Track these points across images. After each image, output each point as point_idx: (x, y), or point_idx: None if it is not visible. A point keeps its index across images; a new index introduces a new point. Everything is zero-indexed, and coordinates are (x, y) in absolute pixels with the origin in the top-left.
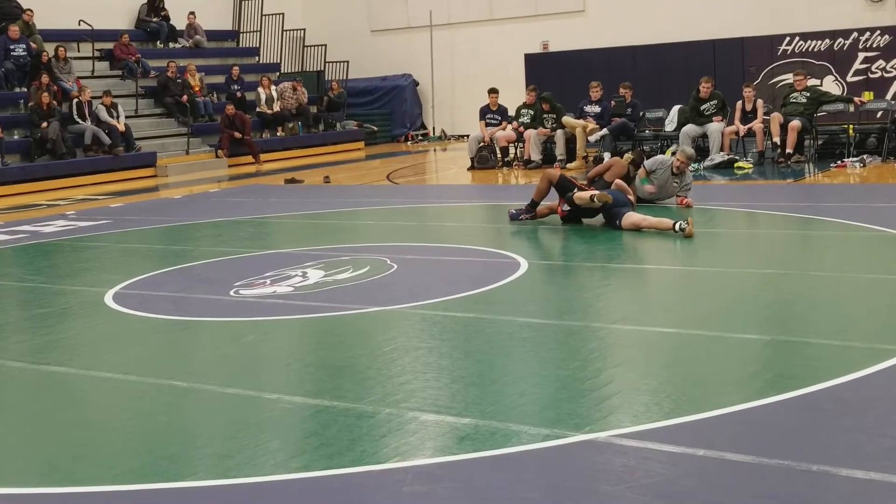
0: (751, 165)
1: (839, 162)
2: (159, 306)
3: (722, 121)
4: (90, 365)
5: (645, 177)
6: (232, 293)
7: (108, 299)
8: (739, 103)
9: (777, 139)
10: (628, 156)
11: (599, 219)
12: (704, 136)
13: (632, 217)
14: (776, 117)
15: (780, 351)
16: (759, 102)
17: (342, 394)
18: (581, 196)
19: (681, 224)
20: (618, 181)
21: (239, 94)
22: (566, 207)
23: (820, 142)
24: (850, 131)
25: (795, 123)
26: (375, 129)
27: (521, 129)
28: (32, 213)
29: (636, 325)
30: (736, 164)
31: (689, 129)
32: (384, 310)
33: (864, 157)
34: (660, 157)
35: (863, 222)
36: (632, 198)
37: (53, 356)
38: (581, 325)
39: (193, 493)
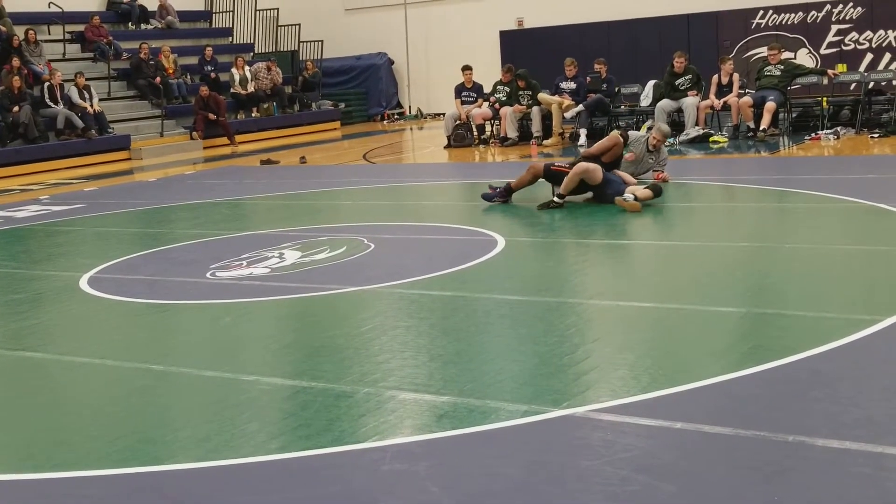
0: (726, 139)
1: (813, 134)
2: (135, 290)
3: (697, 95)
4: (66, 350)
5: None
6: (208, 275)
7: (83, 284)
8: (715, 77)
9: (751, 123)
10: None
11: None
12: (680, 110)
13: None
14: (746, 101)
15: (755, 323)
16: (735, 76)
17: (320, 374)
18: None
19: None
20: (623, 174)
21: (213, 74)
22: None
23: (794, 115)
24: (824, 104)
25: (771, 105)
26: (342, 106)
27: (497, 105)
28: (5, 198)
29: (613, 300)
30: (711, 139)
31: (665, 103)
32: (361, 289)
33: (838, 129)
34: (635, 132)
35: (837, 194)
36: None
37: (28, 342)
38: (558, 301)
39: (172, 477)
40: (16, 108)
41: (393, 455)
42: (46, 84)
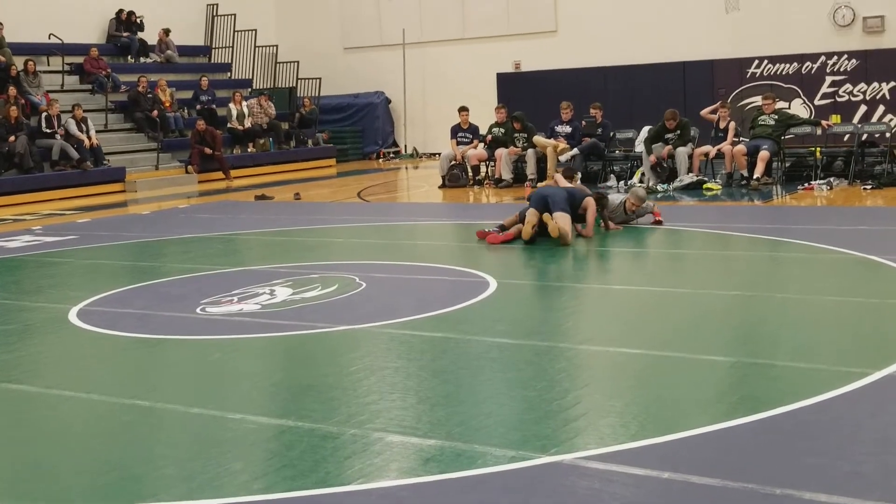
0: (719, 187)
1: (806, 184)
2: (124, 324)
3: (687, 145)
4: (52, 383)
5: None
6: (198, 311)
7: (73, 316)
8: (713, 116)
9: (744, 171)
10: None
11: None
12: (671, 156)
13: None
14: (740, 150)
15: (745, 373)
16: (732, 125)
17: (307, 414)
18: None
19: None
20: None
21: (209, 105)
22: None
23: (787, 164)
24: (818, 154)
25: (764, 154)
26: (325, 137)
27: (489, 137)
28: None
29: (603, 345)
30: (705, 186)
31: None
32: (352, 328)
33: (832, 179)
34: (613, 196)
35: (829, 245)
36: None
37: (15, 374)
38: (549, 346)
39: None
40: (12, 138)
41: (378, 498)
42: (44, 114)
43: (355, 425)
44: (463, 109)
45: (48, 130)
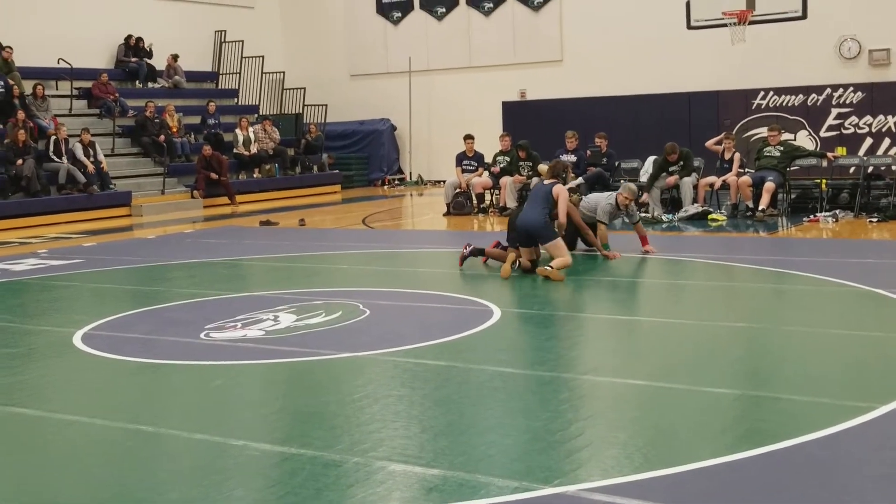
0: (724, 218)
1: (812, 216)
2: (128, 348)
3: (691, 175)
4: (56, 407)
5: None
6: (202, 336)
7: (77, 340)
8: (718, 147)
9: (749, 202)
10: (574, 197)
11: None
12: (676, 187)
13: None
14: (745, 181)
15: (750, 406)
16: (737, 156)
17: (310, 441)
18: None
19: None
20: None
21: (215, 130)
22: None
23: (793, 196)
24: (823, 186)
25: (770, 185)
26: (332, 161)
27: (497, 168)
28: (4, 250)
29: (607, 376)
30: (710, 216)
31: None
32: (355, 356)
33: (837, 211)
34: (595, 195)
35: (835, 277)
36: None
37: (18, 397)
38: (552, 376)
39: None
40: (20, 161)
41: None
42: (52, 138)
43: (358, 453)
44: (468, 137)
45: (55, 157)
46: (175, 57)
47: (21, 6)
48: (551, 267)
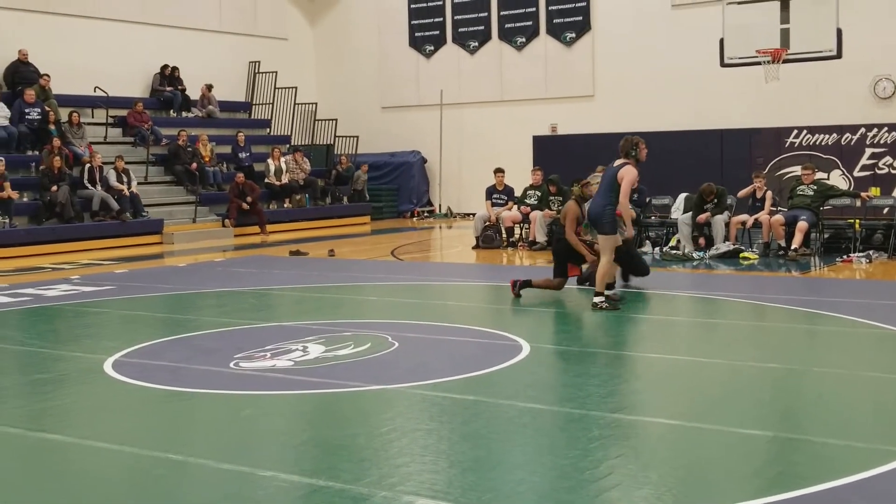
0: (756, 256)
1: (845, 256)
2: (158, 376)
3: (724, 213)
4: (86, 434)
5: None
6: (232, 365)
7: (108, 367)
8: (750, 188)
9: (782, 241)
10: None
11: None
12: (708, 224)
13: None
14: (778, 220)
15: (782, 448)
16: (769, 194)
17: (338, 474)
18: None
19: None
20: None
21: (246, 162)
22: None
23: (826, 235)
24: (857, 226)
25: (803, 225)
26: (365, 169)
27: (527, 209)
28: (37, 276)
29: (638, 414)
30: (741, 255)
31: (685, 217)
32: (384, 388)
33: (871, 252)
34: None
35: (868, 319)
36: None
37: (49, 423)
38: (582, 413)
39: None
40: (54, 188)
41: None
42: (87, 166)
43: (386, 487)
44: (498, 171)
45: (89, 185)
46: (209, 87)
47: (60, 35)
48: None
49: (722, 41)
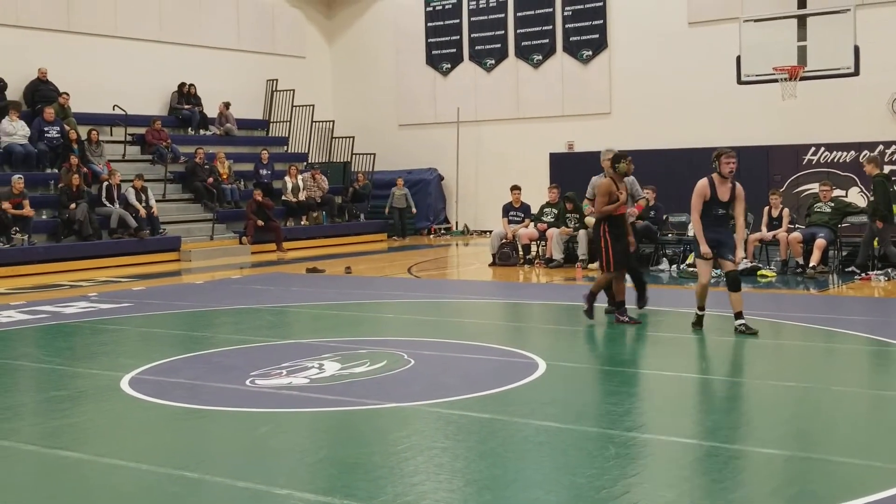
0: (774, 274)
1: (864, 274)
2: (175, 394)
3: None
4: (102, 451)
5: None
6: (248, 382)
7: (124, 384)
8: (766, 209)
9: (800, 259)
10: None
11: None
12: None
13: None
14: (795, 237)
15: (800, 468)
16: (786, 212)
17: (353, 492)
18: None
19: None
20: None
21: (266, 179)
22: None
23: (844, 253)
24: (875, 244)
25: (821, 242)
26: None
27: (544, 226)
28: (55, 293)
29: (654, 433)
30: (759, 272)
31: None
32: (399, 406)
33: (889, 270)
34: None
35: (886, 337)
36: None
37: (65, 441)
38: (598, 432)
39: None
40: (73, 206)
41: None
42: (105, 184)
43: None
44: (515, 188)
45: (108, 202)
46: (227, 105)
47: (79, 54)
48: None
49: (739, 59)
